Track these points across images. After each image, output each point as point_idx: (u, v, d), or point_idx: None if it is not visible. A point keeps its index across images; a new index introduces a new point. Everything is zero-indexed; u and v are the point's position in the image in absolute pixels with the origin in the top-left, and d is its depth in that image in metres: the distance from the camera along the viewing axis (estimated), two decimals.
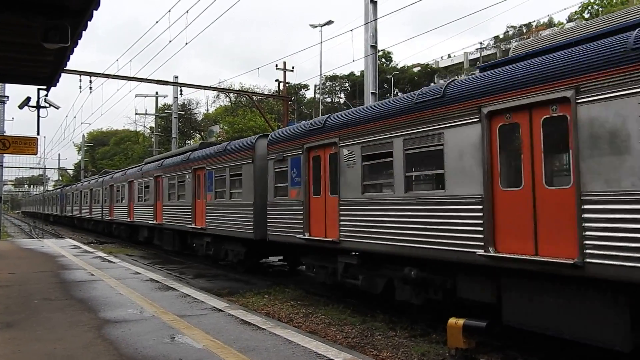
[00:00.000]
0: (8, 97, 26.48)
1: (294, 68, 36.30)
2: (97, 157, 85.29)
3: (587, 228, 6.21)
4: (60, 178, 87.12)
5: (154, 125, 52.30)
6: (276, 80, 36.92)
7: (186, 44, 22.06)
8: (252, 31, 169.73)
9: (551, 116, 6.81)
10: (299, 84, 66.50)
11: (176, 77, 34.60)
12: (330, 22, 40.49)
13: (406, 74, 77.76)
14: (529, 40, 9.31)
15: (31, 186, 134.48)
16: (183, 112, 57.76)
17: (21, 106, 16.72)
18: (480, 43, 74.66)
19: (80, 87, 24.67)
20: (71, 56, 10.30)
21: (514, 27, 74.63)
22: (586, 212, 6.24)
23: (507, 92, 7.27)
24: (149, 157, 30.44)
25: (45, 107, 16.63)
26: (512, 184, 7.32)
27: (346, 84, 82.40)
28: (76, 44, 9.23)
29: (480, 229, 7.57)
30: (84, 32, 8.63)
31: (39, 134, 17.40)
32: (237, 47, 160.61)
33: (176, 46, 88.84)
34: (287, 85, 36.87)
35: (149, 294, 10.09)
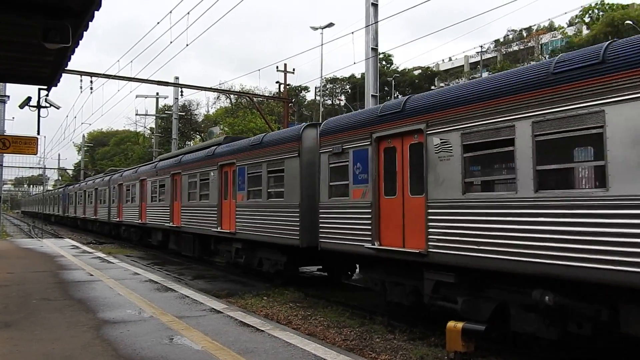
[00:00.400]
0: (9, 96, 26.43)
1: (294, 70, 36.29)
2: (97, 158, 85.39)
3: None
4: (60, 178, 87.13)
5: (154, 126, 52.32)
6: (277, 82, 36.98)
7: (187, 45, 22.03)
8: (250, 33, 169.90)
9: None
10: (299, 86, 66.56)
11: (177, 78, 34.62)
12: (331, 25, 40.62)
13: (406, 76, 77.83)
14: None
15: (31, 186, 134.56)
16: (183, 113, 57.84)
17: (22, 106, 16.74)
18: (481, 46, 74.70)
19: (81, 87, 24.74)
20: (72, 56, 10.32)
21: (515, 31, 74.73)
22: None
23: None
24: (164, 154, 29.14)
25: (46, 107, 16.63)
26: None
27: (347, 86, 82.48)
28: (77, 44, 9.24)
29: None
30: (85, 32, 8.65)
31: (39, 133, 17.39)
32: (235, 49, 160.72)
33: (176, 47, 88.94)
34: (287, 87, 36.90)
35: (147, 295, 10.08)
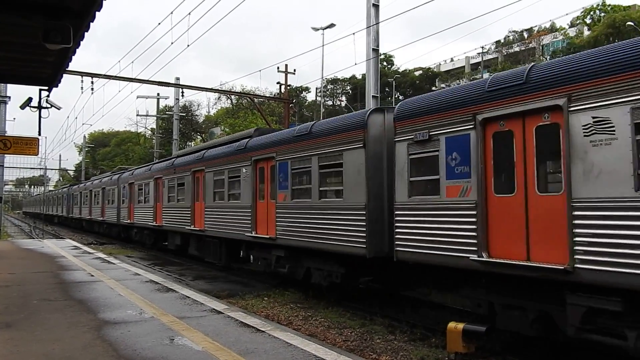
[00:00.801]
0: (10, 97, 26.47)
1: (295, 71, 36.31)
2: (98, 158, 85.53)
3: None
4: (61, 179, 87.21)
5: (155, 126, 52.38)
6: (277, 83, 37.01)
7: (188, 45, 22.05)
8: (250, 34, 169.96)
9: None
10: (300, 86, 66.57)
11: (177, 78, 34.65)
12: (332, 25, 40.61)
13: (407, 77, 77.80)
14: None
15: (32, 187, 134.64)
16: (184, 114, 57.86)
17: (23, 107, 16.76)
18: (482, 47, 74.68)
19: (82, 88, 24.75)
20: (73, 57, 10.34)
21: (516, 32, 74.69)
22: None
23: None
24: (181, 150, 27.22)
25: (47, 108, 16.63)
26: None
27: (347, 87, 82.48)
28: (78, 45, 9.25)
29: None
30: (86, 33, 8.66)
31: (40, 134, 17.42)
32: (235, 50, 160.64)
33: (178, 48, 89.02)
34: (288, 87, 36.91)
35: (148, 296, 10.08)
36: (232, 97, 60.23)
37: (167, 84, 29.04)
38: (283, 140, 13.13)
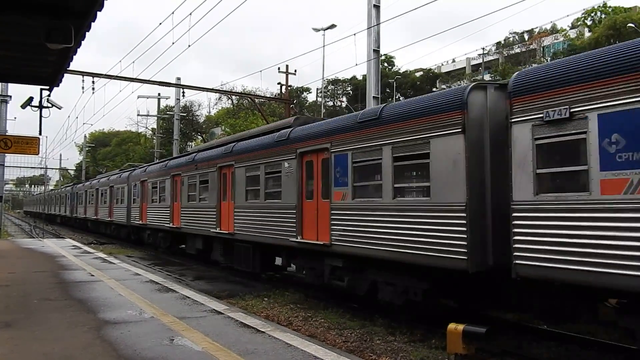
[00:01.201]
0: (11, 96, 26.56)
1: (296, 71, 36.33)
2: (99, 158, 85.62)
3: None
4: (62, 178, 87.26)
5: (155, 126, 52.41)
6: (278, 83, 37.05)
7: (189, 46, 22.11)
8: (250, 34, 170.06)
9: None
10: (300, 87, 66.60)
11: (179, 79, 34.69)
12: (332, 26, 40.59)
13: (408, 78, 77.82)
14: None
15: (32, 186, 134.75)
16: (185, 114, 57.88)
17: (24, 106, 16.75)
18: (483, 49, 74.68)
19: (83, 87, 24.79)
20: (74, 57, 10.35)
21: (517, 33, 74.70)
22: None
23: None
24: (202, 144, 26.13)
25: (48, 107, 16.65)
26: None
27: (348, 88, 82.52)
28: (79, 44, 9.26)
29: None
30: (87, 33, 8.67)
31: (41, 134, 17.43)
32: (236, 50, 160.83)
33: (178, 48, 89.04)
34: (289, 88, 36.93)
35: (148, 296, 10.08)
36: (233, 97, 60.26)
37: (167, 84, 29.09)
38: (341, 127, 11.08)
